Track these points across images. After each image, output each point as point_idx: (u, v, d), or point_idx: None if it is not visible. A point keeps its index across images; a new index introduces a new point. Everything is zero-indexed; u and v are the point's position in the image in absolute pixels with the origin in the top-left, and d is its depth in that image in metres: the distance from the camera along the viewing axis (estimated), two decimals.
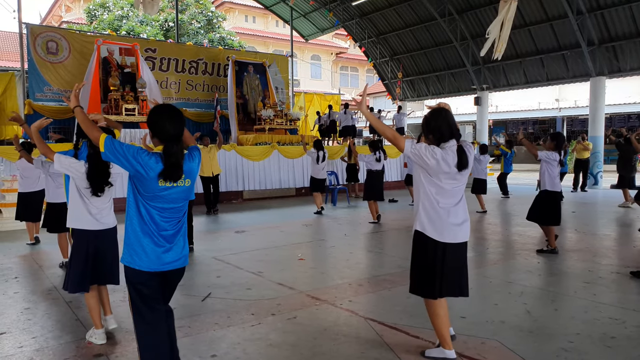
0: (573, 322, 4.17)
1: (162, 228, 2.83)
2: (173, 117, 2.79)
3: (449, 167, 3.29)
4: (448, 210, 3.36)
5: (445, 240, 3.35)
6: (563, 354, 3.50)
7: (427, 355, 3.50)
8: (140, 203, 2.80)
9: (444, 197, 3.37)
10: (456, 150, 3.31)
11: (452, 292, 3.46)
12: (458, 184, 3.40)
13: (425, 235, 3.39)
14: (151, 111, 2.82)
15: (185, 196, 2.91)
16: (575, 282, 5.42)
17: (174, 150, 2.72)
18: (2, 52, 26.33)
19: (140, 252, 2.80)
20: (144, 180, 2.74)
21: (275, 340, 3.89)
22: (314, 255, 7.10)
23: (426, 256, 3.41)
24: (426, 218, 3.39)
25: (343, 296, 5.01)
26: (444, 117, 3.38)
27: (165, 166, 2.72)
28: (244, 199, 14.00)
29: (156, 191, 2.77)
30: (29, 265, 6.49)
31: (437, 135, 3.36)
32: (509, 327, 4.06)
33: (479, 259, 6.62)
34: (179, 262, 2.91)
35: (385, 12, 21.17)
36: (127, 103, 13.97)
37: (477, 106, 20.74)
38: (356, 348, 3.72)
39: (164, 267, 2.84)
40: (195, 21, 27.52)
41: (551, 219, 6.69)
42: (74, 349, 3.76)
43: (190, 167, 2.89)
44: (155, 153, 2.76)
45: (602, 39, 15.98)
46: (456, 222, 3.38)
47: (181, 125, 2.80)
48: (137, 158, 2.70)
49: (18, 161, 7.64)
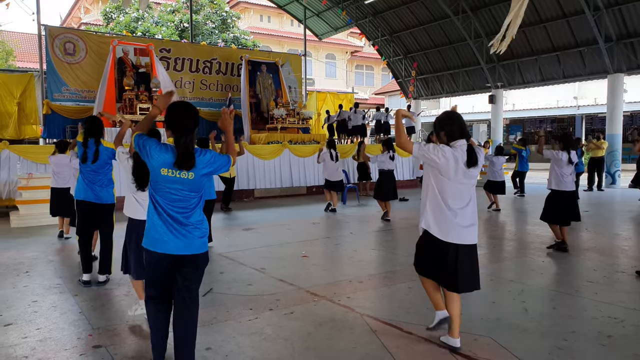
0: (570, 321, 4.14)
1: (172, 216, 3.04)
2: (184, 110, 3.05)
3: (458, 164, 3.42)
4: (456, 212, 3.45)
5: (452, 240, 3.45)
6: (556, 352, 3.49)
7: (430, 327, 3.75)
8: (153, 193, 3.09)
9: (452, 199, 3.46)
10: (466, 149, 3.46)
11: (445, 284, 3.58)
12: (467, 183, 3.49)
13: (430, 233, 3.52)
14: (168, 107, 3.14)
15: (191, 188, 3.06)
16: (578, 281, 5.37)
17: (183, 141, 2.97)
18: (22, 53, 26.88)
19: (152, 236, 3.06)
20: (151, 169, 3.04)
21: (269, 334, 3.94)
22: (317, 253, 7.14)
23: (428, 247, 3.58)
24: (432, 218, 3.50)
25: (342, 293, 5.04)
26: (456, 117, 3.57)
27: (177, 155, 2.97)
28: (255, 197, 14.09)
29: (158, 179, 3.02)
30: (41, 261, 6.64)
31: (449, 133, 3.52)
32: (504, 325, 4.05)
33: (485, 257, 6.58)
34: (188, 248, 3.07)
35: (399, 10, 21.09)
36: (141, 102, 14.17)
37: (491, 104, 20.53)
38: (348, 342, 3.75)
39: (171, 251, 3.04)
40: (209, 21, 27.73)
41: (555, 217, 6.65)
42: (75, 340, 3.86)
43: (198, 162, 3.04)
44: (165, 144, 3.03)
45: (620, 35, 15.70)
46: (463, 225, 3.46)
47: (190, 119, 3.04)
48: (146, 149, 3.02)
49: (52, 157, 7.88)
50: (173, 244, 3.02)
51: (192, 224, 3.08)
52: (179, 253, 3.05)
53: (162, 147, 3.01)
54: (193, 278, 3.13)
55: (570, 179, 6.62)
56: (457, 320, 3.56)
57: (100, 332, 4.01)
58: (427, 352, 3.54)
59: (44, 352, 3.64)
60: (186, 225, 3.05)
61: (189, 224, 3.06)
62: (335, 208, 11.24)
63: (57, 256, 6.93)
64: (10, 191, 10.34)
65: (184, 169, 2.97)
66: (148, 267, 3.15)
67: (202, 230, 3.13)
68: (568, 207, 6.65)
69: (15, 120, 14.78)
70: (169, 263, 3.07)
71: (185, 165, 2.96)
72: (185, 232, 3.04)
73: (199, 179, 3.06)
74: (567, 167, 6.51)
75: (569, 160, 6.48)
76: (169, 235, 3.02)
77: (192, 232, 3.06)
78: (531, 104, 30.70)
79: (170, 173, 2.98)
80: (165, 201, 3.03)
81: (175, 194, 3.02)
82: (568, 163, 6.48)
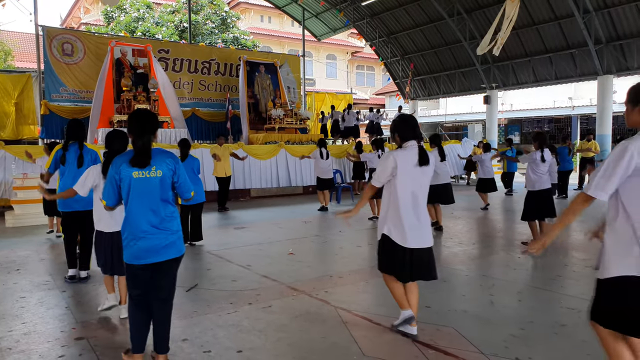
0: (531, 312, 4.35)
1: (141, 221, 3.21)
2: (141, 116, 3.26)
3: (409, 164, 3.67)
4: (410, 212, 3.67)
5: (410, 245, 3.66)
6: (510, 340, 3.70)
7: (394, 324, 3.90)
8: (125, 202, 3.25)
9: (407, 201, 3.68)
10: (418, 149, 3.71)
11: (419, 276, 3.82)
12: (420, 182, 3.71)
13: (390, 239, 3.73)
14: (130, 115, 3.40)
15: (161, 187, 3.24)
16: (548, 276, 5.57)
17: (140, 142, 3.17)
18: (21, 53, 27.12)
19: (126, 244, 3.25)
20: (123, 179, 3.20)
21: (245, 326, 4.14)
22: (305, 250, 7.33)
23: (390, 254, 3.77)
24: (392, 223, 3.72)
25: (321, 287, 5.24)
26: (409, 121, 3.85)
27: (134, 153, 3.17)
28: (252, 197, 14.29)
29: (131, 183, 3.19)
30: (32, 259, 6.85)
31: (402, 136, 3.79)
32: (469, 316, 4.25)
33: (464, 253, 6.79)
34: (158, 255, 3.23)
35: (395, 11, 21.29)
36: (139, 103, 14.36)
37: (486, 105, 20.72)
38: (319, 333, 3.96)
39: (141, 261, 3.22)
40: (209, 21, 27.95)
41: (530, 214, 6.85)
42: (59, 333, 4.07)
43: (161, 160, 3.24)
44: (127, 151, 3.30)
45: (610, 37, 15.90)
46: (419, 228, 3.69)
47: (146, 123, 3.22)
48: (114, 168, 3.21)
49: (40, 159, 8.09)
50: (142, 252, 3.22)
51: (163, 226, 3.27)
52: (148, 262, 3.24)
53: (125, 156, 3.23)
54: (164, 280, 3.39)
55: (546, 177, 6.82)
56: (415, 310, 3.81)
57: (84, 326, 4.21)
58: (391, 341, 3.75)
59: (27, 344, 3.85)
60: (155, 229, 3.23)
61: (158, 227, 3.24)
62: (326, 207, 11.45)
63: (49, 254, 7.13)
64: (6, 191, 10.55)
65: (138, 167, 3.14)
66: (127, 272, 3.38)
67: (171, 233, 3.29)
68: (544, 203, 6.84)
69: (13, 120, 15.01)
70: (142, 272, 3.29)
71: (140, 163, 3.14)
72: (154, 236, 3.23)
73: (167, 178, 3.26)
74: (542, 166, 6.71)
75: (541, 159, 6.68)
76: (138, 242, 3.21)
77: (160, 235, 3.24)
78: (529, 105, 30.83)
79: (140, 174, 3.17)
80: (135, 205, 3.22)
81: (146, 195, 3.21)
82: (542, 161, 6.68)
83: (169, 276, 3.32)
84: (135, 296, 3.29)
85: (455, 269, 5.92)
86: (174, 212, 3.33)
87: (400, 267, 3.71)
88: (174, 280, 3.39)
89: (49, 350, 3.71)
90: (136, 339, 3.30)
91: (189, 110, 17.36)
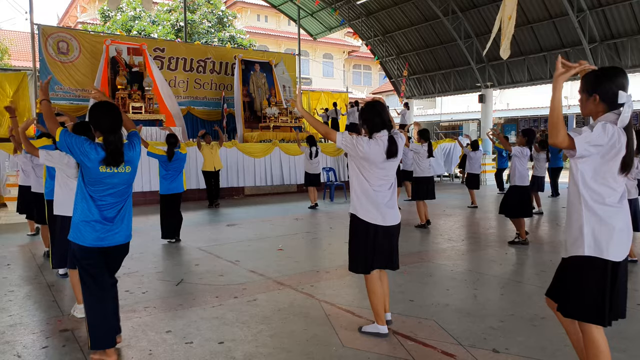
0: (511, 305, 4.39)
1: (103, 209, 3.21)
2: (108, 112, 3.18)
3: (377, 155, 3.57)
4: (378, 194, 3.64)
5: (377, 222, 3.63)
6: (489, 332, 3.74)
7: (363, 331, 3.78)
8: (85, 187, 3.20)
9: (375, 186, 3.66)
10: (387, 140, 3.59)
11: (382, 264, 3.76)
12: (387, 173, 3.67)
13: (358, 217, 3.70)
14: (90, 108, 3.24)
15: (127, 182, 3.29)
16: (532, 271, 5.63)
17: (112, 139, 3.12)
18: (18, 52, 27.12)
19: (83, 229, 3.19)
20: (86, 167, 3.13)
21: (229, 319, 4.18)
22: (293, 246, 7.36)
23: (359, 236, 3.72)
24: (358, 203, 3.69)
25: (307, 282, 5.28)
26: (377, 109, 3.67)
27: (107, 153, 3.11)
28: (245, 194, 14.32)
29: (98, 177, 3.16)
30: (23, 255, 6.89)
31: (370, 125, 3.65)
32: (450, 309, 4.29)
33: (452, 249, 6.83)
34: (118, 238, 3.27)
35: (390, 10, 21.31)
36: (134, 101, 14.39)
37: (481, 104, 20.76)
38: (301, 325, 4.00)
39: (103, 243, 3.21)
40: (206, 20, 27.98)
41: (521, 211, 6.87)
42: (44, 325, 4.11)
43: (131, 156, 3.27)
44: (97, 143, 3.17)
45: (604, 36, 15.93)
46: (387, 204, 3.66)
47: (116, 119, 3.18)
48: (80, 148, 3.10)
49: (19, 155, 8.08)
50: (104, 236, 3.23)
51: (122, 214, 3.31)
52: (108, 245, 3.27)
53: (94, 146, 3.12)
54: (118, 265, 3.51)
55: (527, 172, 6.88)
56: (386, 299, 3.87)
57: (69, 318, 4.25)
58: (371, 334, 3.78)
59: (12, 335, 3.89)
60: (115, 216, 3.26)
61: (118, 215, 3.28)
62: (316, 203, 11.51)
63: (39, 250, 7.15)
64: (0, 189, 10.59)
65: (113, 166, 3.14)
66: (80, 262, 3.31)
67: (128, 219, 3.37)
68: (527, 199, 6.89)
69: (8, 118, 14.98)
70: (100, 257, 3.30)
71: (114, 162, 3.13)
72: (114, 224, 3.26)
73: (134, 172, 3.32)
74: (526, 162, 6.77)
75: (530, 156, 6.73)
76: (99, 227, 3.20)
77: (119, 222, 3.28)
78: (525, 104, 30.92)
79: (109, 169, 3.15)
80: (98, 196, 3.20)
81: (112, 188, 3.22)
82: (528, 158, 6.74)
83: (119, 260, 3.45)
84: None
85: (441, 264, 5.97)
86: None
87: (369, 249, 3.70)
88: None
89: (34, 342, 3.75)
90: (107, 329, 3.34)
91: (184, 109, 17.36)
